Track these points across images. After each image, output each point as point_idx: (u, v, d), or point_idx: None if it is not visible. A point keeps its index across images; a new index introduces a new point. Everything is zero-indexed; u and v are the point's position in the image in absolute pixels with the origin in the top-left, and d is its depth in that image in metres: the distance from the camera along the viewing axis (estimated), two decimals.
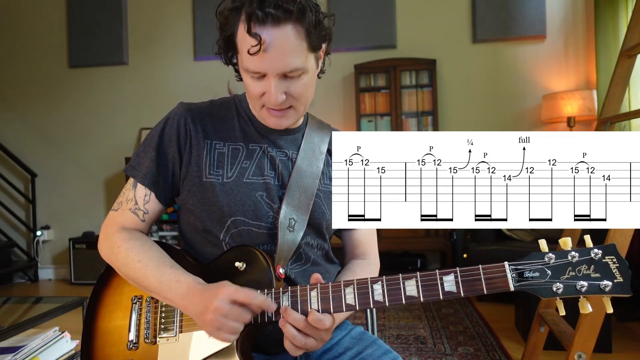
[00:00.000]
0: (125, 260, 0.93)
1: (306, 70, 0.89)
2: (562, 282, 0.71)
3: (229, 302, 0.80)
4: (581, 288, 0.71)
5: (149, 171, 0.97)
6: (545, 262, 0.73)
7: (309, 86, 0.93)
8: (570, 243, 0.74)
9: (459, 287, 0.75)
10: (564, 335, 1.70)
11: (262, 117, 0.97)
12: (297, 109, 0.94)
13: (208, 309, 0.81)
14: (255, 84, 0.90)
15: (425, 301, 0.76)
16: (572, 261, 0.72)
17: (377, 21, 4.18)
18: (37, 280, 4.56)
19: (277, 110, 0.92)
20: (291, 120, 0.96)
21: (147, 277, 0.90)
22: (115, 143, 4.57)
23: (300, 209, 0.97)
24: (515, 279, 0.73)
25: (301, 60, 0.87)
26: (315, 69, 0.94)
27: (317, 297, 0.81)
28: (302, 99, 0.93)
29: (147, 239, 0.98)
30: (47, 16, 4.66)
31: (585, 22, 3.97)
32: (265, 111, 0.93)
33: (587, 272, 0.71)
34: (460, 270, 0.75)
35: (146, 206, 0.98)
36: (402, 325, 2.80)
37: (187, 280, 0.88)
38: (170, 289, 0.88)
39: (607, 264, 0.71)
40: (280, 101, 0.89)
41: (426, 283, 0.77)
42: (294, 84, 0.89)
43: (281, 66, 0.85)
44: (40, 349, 1.58)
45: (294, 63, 0.86)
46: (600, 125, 1.92)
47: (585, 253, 0.72)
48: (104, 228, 1.00)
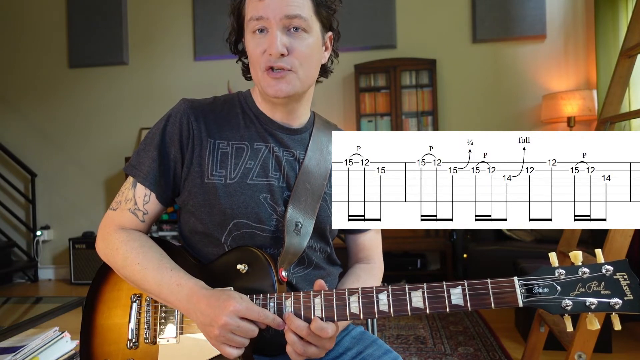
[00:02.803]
0: (124, 263, 0.91)
1: (309, 28, 0.89)
2: (572, 299, 0.70)
3: (238, 318, 0.78)
4: (590, 305, 0.69)
5: (150, 171, 0.94)
6: (555, 278, 0.71)
7: (312, 51, 0.91)
8: (581, 257, 0.72)
9: (466, 300, 0.73)
10: (564, 335, 1.70)
11: (262, 85, 0.92)
12: (298, 73, 0.90)
13: (215, 323, 0.79)
14: (256, 42, 0.89)
15: (431, 313, 0.75)
16: (583, 277, 0.70)
17: (377, 21, 4.18)
18: (37, 280, 4.56)
19: (276, 71, 0.89)
20: (290, 86, 0.91)
21: (147, 280, 0.88)
22: (115, 143, 4.57)
23: (307, 212, 0.95)
24: (524, 294, 0.71)
25: (305, 12, 0.88)
26: (320, 40, 0.94)
27: (320, 304, 0.79)
28: (304, 63, 0.91)
29: (146, 239, 0.95)
30: (47, 16, 4.66)
31: (585, 22, 3.97)
32: (266, 75, 0.90)
33: (597, 288, 0.69)
34: (468, 284, 0.74)
35: (146, 207, 0.96)
36: (402, 325, 2.80)
37: (188, 284, 0.85)
38: (171, 292, 0.86)
39: (618, 280, 0.69)
40: (280, 50, 0.87)
41: (433, 295, 0.75)
42: (296, 40, 0.89)
43: (285, 9, 0.86)
44: (40, 349, 1.58)
45: (297, 10, 0.87)
46: (600, 125, 1.92)
47: (596, 269, 0.70)
48: (101, 228, 0.98)
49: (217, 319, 0.78)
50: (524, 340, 2.44)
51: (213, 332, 0.79)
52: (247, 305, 0.79)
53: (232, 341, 0.79)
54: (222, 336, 0.79)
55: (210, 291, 0.83)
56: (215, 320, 0.79)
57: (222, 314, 0.78)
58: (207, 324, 0.80)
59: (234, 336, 0.79)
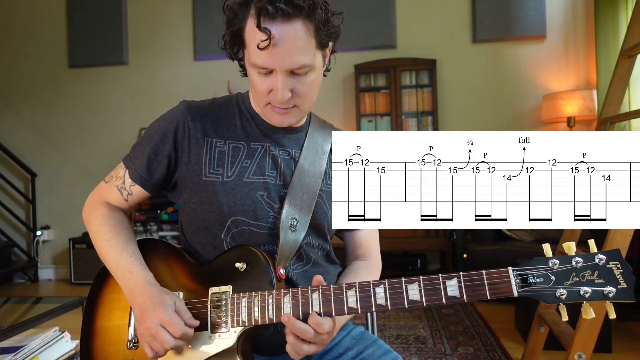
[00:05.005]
0: (95, 234, 0.99)
1: (313, 68, 0.89)
2: (566, 288, 0.71)
3: (160, 326, 0.83)
4: (585, 294, 0.70)
5: (140, 167, 0.99)
6: (549, 268, 0.72)
7: (315, 84, 0.92)
8: (574, 248, 0.73)
9: (462, 292, 0.74)
10: (564, 335, 1.70)
11: (265, 114, 0.96)
12: (301, 107, 0.93)
13: (143, 322, 0.85)
14: (262, 80, 0.89)
15: (427, 305, 0.76)
16: (576, 267, 0.72)
17: (377, 21, 4.18)
18: (37, 280, 4.56)
19: (281, 108, 0.91)
20: (294, 118, 0.95)
21: (109, 257, 0.95)
22: (115, 143, 4.57)
23: (303, 209, 0.96)
24: (518, 284, 0.72)
25: (309, 58, 0.87)
26: (322, 66, 0.94)
27: (318, 299, 0.80)
28: (307, 98, 0.92)
29: (123, 221, 1.01)
30: (47, 16, 4.66)
31: (585, 22, 3.96)
32: (270, 108, 0.93)
33: (591, 277, 0.71)
34: (463, 275, 0.75)
35: (131, 188, 1.01)
36: (402, 325, 2.80)
37: (138, 274, 0.91)
38: (122, 277, 0.92)
39: (611, 269, 0.70)
40: (286, 99, 0.88)
41: (429, 287, 0.76)
42: (301, 81, 0.89)
43: (289, 62, 0.85)
44: (40, 349, 1.58)
45: (302, 60, 0.86)
46: (600, 125, 1.92)
47: (589, 258, 0.71)
48: (91, 195, 1.06)
49: (144, 319, 0.85)
50: (524, 340, 2.44)
51: (139, 329, 0.87)
52: (171, 318, 0.83)
53: (151, 343, 0.85)
54: (146, 336, 0.85)
55: (152, 290, 0.88)
56: (143, 319, 0.85)
57: (148, 317, 0.84)
58: (138, 320, 0.88)
59: (153, 340, 0.84)
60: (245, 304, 0.85)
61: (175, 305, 0.85)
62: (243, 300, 0.85)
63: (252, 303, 0.84)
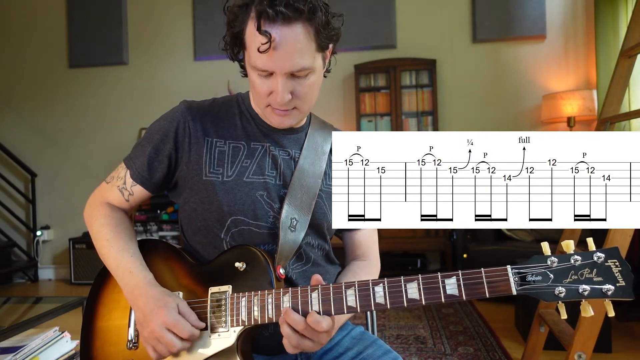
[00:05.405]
0: (97, 235, 0.99)
1: (313, 70, 0.89)
2: (565, 286, 0.71)
3: (165, 329, 0.82)
4: (583, 292, 0.70)
5: (141, 167, 0.99)
6: (548, 266, 0.72)
7: (315, 86, 0.92)
8: (572, 246, 0.73)
9: (461, 290, 0.74)
10: (564, 335, 1.70)
11: (265, 115, 0.96)
12: (301, 109, 0.93)
13: (147, 325, 0.84)
14: (262, 82, 0.89)
15: (427, 304, 0.76)
16: (575, 265, 0.72)
17: (377, 21, 4.18)
18: (37, 280, 4.56)
19: (281, 110, 0.92)
20: (294, 120, 0.95)
21: (109, 257, 0.95)
22: (115, 143, 4.57)
23: (302, 209, 0.97)
24: (517, 282, 0.72)
25: (309, 60, 0.87)
26: (322, 69, 0.94)
27: (318, 298, 0.80)
28: (307, 100, 0.93)
29: (124, 221, 1.02)
30: (47, 16, 4.66)
31: (585, 22, 3.97)
32: (270, 110, 0.93)
33: (590, 275, 0.71)
34: (462, 274, 0.75)
35: (132, 188, 1.02)
36: (402, 325, 2.80)
37: (139, 275, 0.91)
38: (123, 277, 0.92)
39: (610, 267, 0.70)
40: (286, 100, 0.88)
41: (428, 286, 0.76)
42: (301, 83, 0.89)
43: (289, 65, 0.85)
44: (40, 349, 1.58)
45: (302, 62, 0.86)
46: (600, 125, 1.92)
47: (587, 256, 0.72)
48: (92, 195, 1.07)
49: (147, 322, 0.84)
50: (524, 340, 2.44)
51: (142, 332, 0.86)
52: (176, 320, 0.82)
53: (156, 346, 0.84)
54: (150, 339, 0.84)
55: (153, 291, 0.88)
56: (146, 322, 0.84)
57: (152, 320, 0.83)
58: (140, 322, 0.87)
59: (157, 343, 0.83)
60: (245, 303, 0.85)
61: (178, 307, 0.85)
62: (243, 300, 0.85)
63: (252, 303, 0.84)
